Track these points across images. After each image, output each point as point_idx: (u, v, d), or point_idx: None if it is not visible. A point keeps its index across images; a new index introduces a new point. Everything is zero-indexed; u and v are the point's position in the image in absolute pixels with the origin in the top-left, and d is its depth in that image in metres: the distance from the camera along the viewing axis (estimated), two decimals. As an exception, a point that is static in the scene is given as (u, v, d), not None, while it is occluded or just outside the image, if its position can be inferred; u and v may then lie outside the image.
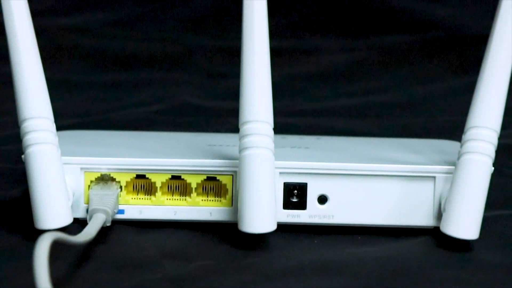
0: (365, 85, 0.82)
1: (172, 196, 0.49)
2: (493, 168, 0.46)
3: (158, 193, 0.48)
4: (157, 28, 0.86)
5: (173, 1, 0.87)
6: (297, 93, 0.81)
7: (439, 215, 0.48)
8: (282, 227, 0.48)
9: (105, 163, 0.48)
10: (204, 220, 0.49)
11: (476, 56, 0.49)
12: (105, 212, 0.46)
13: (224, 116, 0.71)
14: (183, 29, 0.86)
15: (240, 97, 0.46)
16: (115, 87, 0.77)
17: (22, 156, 0.46)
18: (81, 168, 0.48)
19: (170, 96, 0.76)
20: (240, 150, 0.46)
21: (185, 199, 0.49)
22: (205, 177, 0.48)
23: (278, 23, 0.84)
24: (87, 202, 0.48)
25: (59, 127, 0.47)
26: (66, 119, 0.67)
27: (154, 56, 0.83)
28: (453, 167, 0.47)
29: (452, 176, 0.47)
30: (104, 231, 0.46)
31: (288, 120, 0.73)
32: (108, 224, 0.46)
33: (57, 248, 0.38)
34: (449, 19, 0.89)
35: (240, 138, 0.46)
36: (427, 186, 0.48)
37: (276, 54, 0.47)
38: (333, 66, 0.83)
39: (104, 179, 0.48)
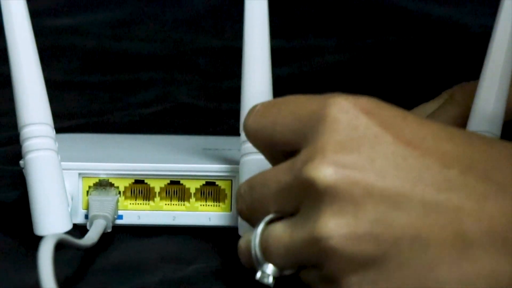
0: (364, 85, 0.82)
1: (171, 201, 0.49)
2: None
3: (157, 198, 0.48)
4: (156, 28, 0.86)
5: (172, 1, 0.87)
6: (294, 93, 0.80)
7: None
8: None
9: (103, 169, 0.48)
10: (203, 225, 0.49)
11: (476, 56, 0.49)
12: (105, 218, 0.46)
13: (223, 118, 0.71)
14: (182, 29, 0.86)
15: (241, 99, 0.46)
16: (113, 88, 0.77)
17: (20, 161, 0.46)
18: (79, 174, 0.48)
19: (169, 97, 0.75)
20: (242, 155, 0.46)
21: (184, 204, 0.49)
22: (204, 182, 0.48)
23: (276, 22, 0.84)
24: (85, 208, 0.48)
25: (58, 129, 0.47)
26: (64, 120, 0.67)
27: (153, 56, 0.83)
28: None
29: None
30: (102, 237, 0.46)
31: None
32: (109, 230, 0.47)
33: (57, 252, 0.38)
34: (448, 18, 0.89)
35: (242, 143, 0.46)
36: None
37: (274, 53, 0.47)
38: (332, 66, 0.83)
39: (102, 184, 0.48)
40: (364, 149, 0.35)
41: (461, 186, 0.35)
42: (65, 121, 0.68)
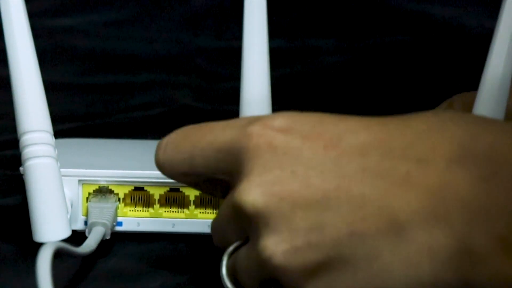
0: (363, 86, 0.82)
1: (170, 208, 0.49)
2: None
3: (156, 206, 0.49)
4: (156, 29, 0.86)
5: (173, 2, 0.87)
6: (294, 94, 0.80)
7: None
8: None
9: (103, 175, 0.48)
10: (202, 233, 0.49)
11: (476, 58, 0.49)
12: (104, 225, 0.47)
13: (223, 120, 0.71)
14: (182, 30, 0.86)
15: (240, 101, 0.46)
16: (113, 90, 0.77)
17: (21, 168, 0.46)
18: (79, 181, 0.48)
19: (169, 99, 0.76)
20: None
21: (183, 212, 0.49)
22: (203, 190, 0.48)
23: (275, 23, 0.84)
24: (85, 214, 0.48)
25: (57, 132, 0.47)
26: (63, 123, 0.67)
27: (153, 57, 0.83)
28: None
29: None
30: (102, 243, 0.46)
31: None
32: (108, 237, 0.47)
33: (56, 259, 0.39)
34: (448, 19, 0.89)
35: None
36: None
37: (273, 54, 0.47)
38: (331, 66, 0.83)
39: (102, 191, 0.48)
40: (285, 164, 0.36)
41: (382, 172, 0.35)
42: (64, 123, 0.68)
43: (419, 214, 0.34)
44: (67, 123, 0.68)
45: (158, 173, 0.48)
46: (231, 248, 0.39)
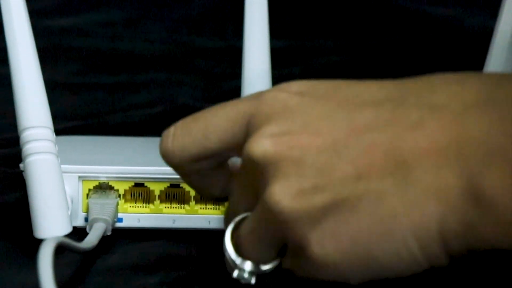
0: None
1: (171, 204, 0.49)
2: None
3: (157, 201, 0.49)
4: (157, 29, 0.86)
5: (173, 2, 0.87)
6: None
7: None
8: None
9: (103, 172, 0.48)
10: (202, 228, 0.49)
11: (476, 57, 0.49)
12: (105, 221, 0.47)
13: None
14: (183, 30, 0.86)
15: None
16: (113, 89, 0.77)
17: (21, 164, 0.46)
18: (79, 177, 0.48)
19: (169, 98, 0.76)
20: None
21: (184, 207, 0.49)
22: (203, 185, 0.48)
23: (276, 23, 0.84)
24: (85, 211, 0.48)
25: (57, 131, 0.47)
26: (64, 122, 0.67)
27: (153, 57, 0.83)
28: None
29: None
30: (102, 239, 0.46)
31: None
32: (109, 233, 0.47)
33: (57, 255, 0.39)
34: (448, 18, 0.89)
35: None
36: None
37: (274, 54, 0.47)
38: (332, 67, 0.83)
39: (102, 187, 0.48)
40: (297, 117, 0.36)
41: (395, 119, 0.35)
42: (65, 122, 0.68)
43: (428, 154, 0.34)
44: (67, 122, 0.68)
45: (158, 169, 0.48)
46: (238, 218, 0.39)
